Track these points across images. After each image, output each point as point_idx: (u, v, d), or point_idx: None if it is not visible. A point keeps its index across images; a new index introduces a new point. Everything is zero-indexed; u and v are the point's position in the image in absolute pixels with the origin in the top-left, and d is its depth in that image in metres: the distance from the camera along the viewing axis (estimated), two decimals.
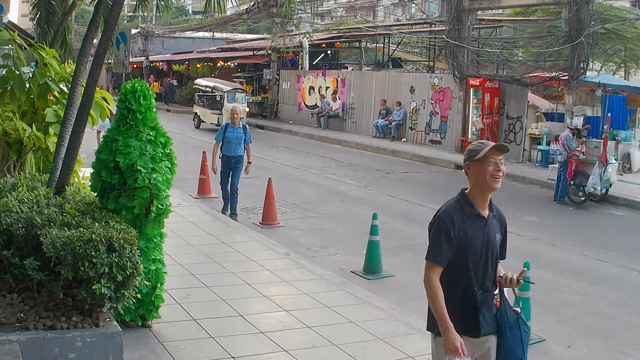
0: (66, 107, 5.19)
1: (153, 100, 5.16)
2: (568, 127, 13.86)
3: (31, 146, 6.03)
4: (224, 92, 24.67)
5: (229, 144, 10.41)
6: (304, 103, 28.31)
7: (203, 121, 26.06)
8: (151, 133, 5.11)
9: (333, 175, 15.32)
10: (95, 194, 5.14)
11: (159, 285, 5.38)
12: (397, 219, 10.92)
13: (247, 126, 10.76)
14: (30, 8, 10.93)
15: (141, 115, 5.05)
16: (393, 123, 22.45)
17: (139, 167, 4.94)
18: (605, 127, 13.69)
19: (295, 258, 7.97)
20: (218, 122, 23.51)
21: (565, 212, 12.51)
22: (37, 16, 10.30)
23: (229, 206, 10.52)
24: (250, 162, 10.60)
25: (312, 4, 29.08)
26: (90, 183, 5.18)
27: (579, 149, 13.25)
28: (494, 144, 3.58)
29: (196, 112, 26.70)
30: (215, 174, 10.62)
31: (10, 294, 4.39)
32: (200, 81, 29.14)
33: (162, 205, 5.11)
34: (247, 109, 25.39)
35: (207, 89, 27.20)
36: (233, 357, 5.03)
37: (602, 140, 12.81)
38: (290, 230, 9.83)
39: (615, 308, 7.25)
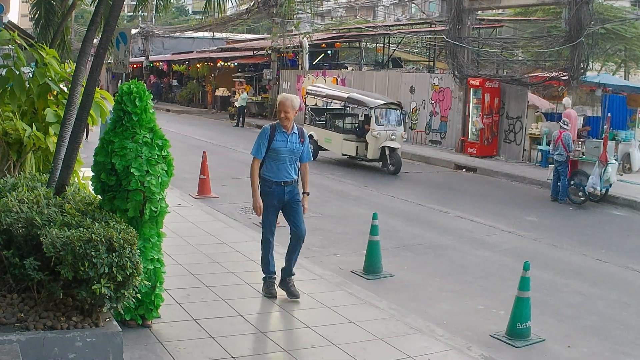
0: (66, 107, 5.19)
1: (150, 102, 5.13)
2: (562, 126, 13.76)
3: (31, 146, 6.03)
4: (371, 108, 16.17)
5: (278, 161, 6.38)
6: (304, 103, 28.28)
7: (324, 148, 17.50)
8: (147, 135, 5.07)
9: (333, 175, 15.31)
10: (98, 196, 5.12)
11: (158, 285, 5.37)
12: (397, 219, 10.91)
13: (304, 132, 6.65)
14: (30, 8, 10.95)
15: (137, 117, 5.01)
16: None
17: (132, 170, 4.91)
18: (605, 127, 13.67)
19: None
20: (357, 154, 16.48)
21: (565, 212, 12.51)
22: (37, 16, 10.31)
23: (285, 270, 6.58)
24: (307, 193, 6.58)
25: (312, 4, 29.09)
26: (92, 185, 5.16)
27: (579, 148, 13.24)
28: None
29: (310, 135, 16.64)
30: (259, 214, 6.55)
31: (10, 294, 4.39)
32: (317, 89, 19.00)
33: (156, 208, 5.07)
34: (405, 136, 17.32)
35: (334, 101, 18.08)
36: (233, 357, 5.03)
37: (602, 140, 12.80)
38: None
39: (615, 308, 7.24)
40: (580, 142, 13.67)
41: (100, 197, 5.07)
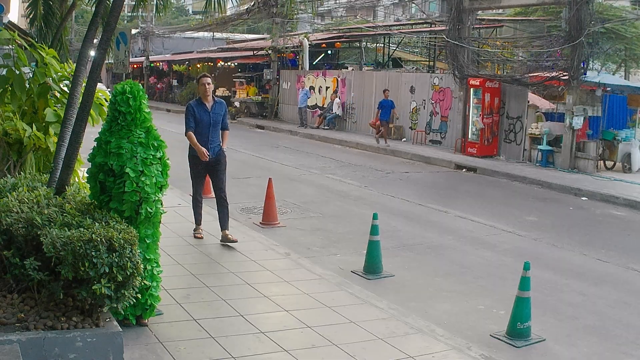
0: (66, 107, 5.19)
1: (144, 102, 5.11)
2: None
3: (31, 146, 6.04)
4: None
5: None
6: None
7: None
8: (142, 135, 5.04)
9: (333, 175, 15.32)
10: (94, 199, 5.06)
11: (154, 285, 5.33)
12: (397, 219, 10.91)
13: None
14: (25, 8, 10.95)
15: (131, 117, 4.99)
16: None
17: (127, 170, 4.89)
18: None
19: (295, 258, 7.96)
20: None
21: (565, 212, 12.51)
22: (32, 16, 10.32)
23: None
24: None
25: (312, 4, 29.10)
26: (89, 187, 5.13)
27: None
28: None
29: None
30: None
31: (10, 294, 4.39)
32: None
33: (152, 209, 5.05)
34: None
35: None
36: (233, 357, 5.03)
37: None
38: (291, 230, 9.83)
39: (615, 308, 7.24)
40: None
41: (96, 201, 5.02)
